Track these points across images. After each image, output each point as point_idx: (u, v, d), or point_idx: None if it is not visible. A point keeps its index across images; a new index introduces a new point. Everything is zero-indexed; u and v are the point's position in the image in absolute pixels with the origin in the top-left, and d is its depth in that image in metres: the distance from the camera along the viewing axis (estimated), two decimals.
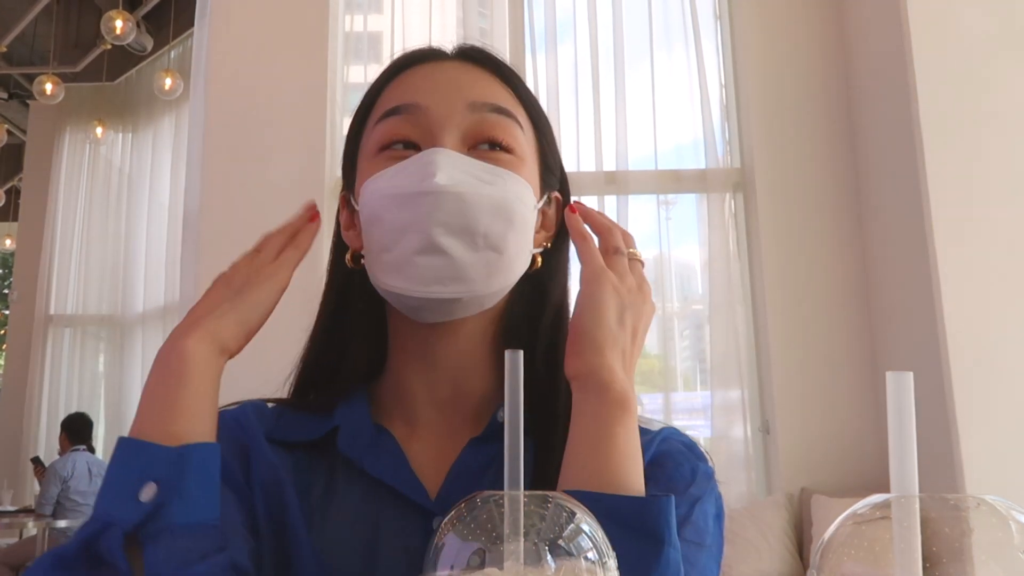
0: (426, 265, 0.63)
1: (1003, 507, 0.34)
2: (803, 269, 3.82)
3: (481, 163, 0.66)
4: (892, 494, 0.35)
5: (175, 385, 0.58)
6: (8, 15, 6.89)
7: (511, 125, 0.68)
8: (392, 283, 0.65)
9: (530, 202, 0.68)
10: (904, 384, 0.36)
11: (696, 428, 4.16)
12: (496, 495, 0.40)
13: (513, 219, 0.65)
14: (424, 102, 0.67)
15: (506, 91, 0.71)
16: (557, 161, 0.75)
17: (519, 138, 0.69)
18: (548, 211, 0.73)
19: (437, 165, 0.63)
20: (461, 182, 0.63)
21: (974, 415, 3.00)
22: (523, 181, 0.67)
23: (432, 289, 0.63)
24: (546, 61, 4.22)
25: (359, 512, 0.66)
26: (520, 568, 0.38)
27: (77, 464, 5.37)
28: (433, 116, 0.67)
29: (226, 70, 3.96)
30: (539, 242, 0.71)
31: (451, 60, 0.72)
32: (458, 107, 0.67)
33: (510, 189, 0.65)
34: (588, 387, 0.61)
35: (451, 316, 0.67)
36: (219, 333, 0.61)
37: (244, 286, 0.63)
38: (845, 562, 0.35)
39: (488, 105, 0.68)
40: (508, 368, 0.44)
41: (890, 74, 3.47)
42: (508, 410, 0.43)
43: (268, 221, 0.72)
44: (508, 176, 0.66)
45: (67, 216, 7.16)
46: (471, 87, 0.69)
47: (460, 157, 0.65)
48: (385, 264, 0.65)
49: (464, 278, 0.63)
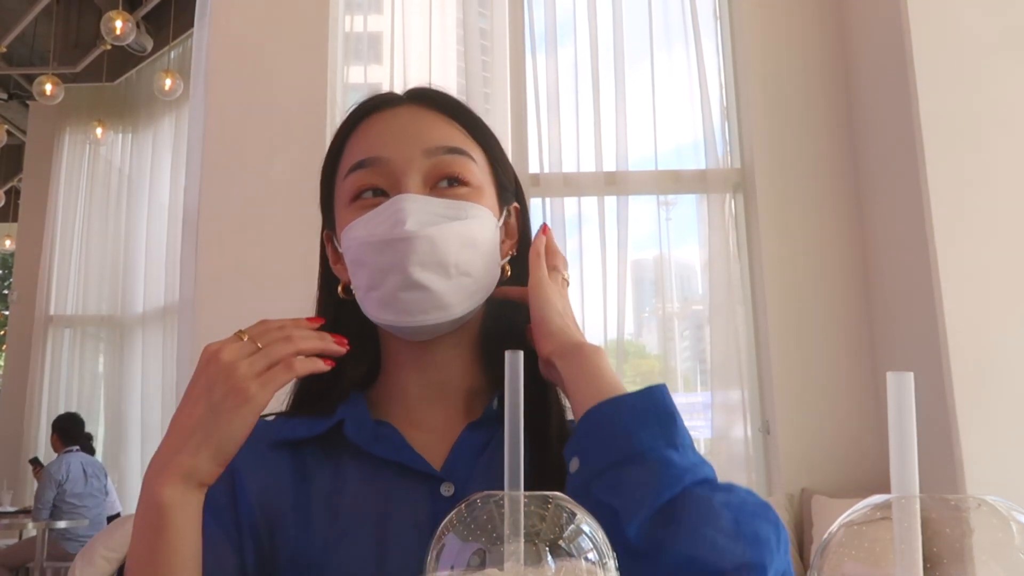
0: (409, 299, 0.72)
1: (1004, 507, 0.34)
2: (803, 269, 3.82)
3: (444, 201, 0.74)
4: (892, 494, 0.35)
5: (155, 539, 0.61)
6: (8, 15, 6.89)
7: (464, 161, 0.77)
8: (383, 317, 0.74)
9: (491, 224, 0.77)
10: (905, 384, 0.36)
11: (696, 429, 4.17)
12: (496, 495, 0.40)
13: (479, 245, 0.75)
14: (385, 154, 0.76)
15: (455, 128, 0.79)
16: (510, 176, 0.84)
17: (473, 170, 0.77)
18: (510, 222, 0.83)
19: (406, 212, 0.72)
20: (428, 223, 0.72)
21: (974, 416, 3.00)
22: (483, 208, 0.76)
23: (417, 319, 0.73)
24: (546, 61, 4.22)
25: (368, 493, 0.72)
26: (520, 568, 0.38)
27: (71, 466, 5.31)
28: (395, 165, 0.75)
29: (226, 70, 3.96)
30: (505, 252, 0.81)
31: (404, 105, 0.80)
32: (415, 154, 0.76)
33: (472, 219, 0.74)
34: (567, 353, 0.71)
35: (437, 333, 0.76)
36: (194, 472, 0.62)
37: (221, 405, 0.62)
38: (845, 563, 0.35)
39: (442, 148, 0.76)
40: (508, 368, 0.44)
41: (890, 74, 3.47)
42: (508, 410, 0.43)
43: (267, 221, 0.72)
44: (469, 207, 0.75)
45: (67, 216, 7.16)
46: (424, 133, 0.77)
47: (425, 200, 0.74)
48: (374, 301, 0.74)
49: (444, 305, 0.73)
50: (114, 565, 3.80)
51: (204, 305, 3.76)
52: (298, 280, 0.73)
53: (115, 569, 3.80)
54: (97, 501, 5.42)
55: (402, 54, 4.31)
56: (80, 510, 5.26)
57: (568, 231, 4.06)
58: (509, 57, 4.24)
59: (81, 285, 7.10)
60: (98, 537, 3.97)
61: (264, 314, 0.70)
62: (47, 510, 5.18)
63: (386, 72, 4.33)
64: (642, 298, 4.68)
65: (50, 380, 6.92)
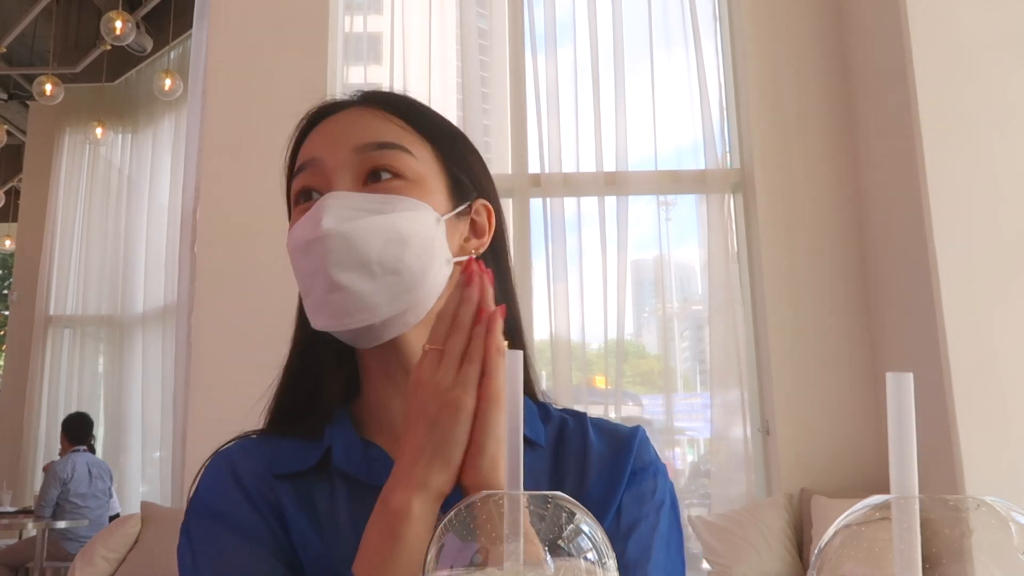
0: (334, 302, 0.69)
1: (1003, 508, 0.34)
2: (803, 269, 3.82)
3: (368, 195, 0.71)
4: (892, 495, 0.35)
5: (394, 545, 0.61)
6: (8, 16, 6.89)
7: (396, 154, 0.74)
8: (317, 322, 0.71)
9: (427, 218, 0.72)
10: (904, 385, 0.36)
11: (696, 429, 4.17)
12: (496, 495, 0.40)
13: (408, 240, 0.70)
14: (319, 155, 0.74)
15: (395, 125, 0.76)
16: (473, 172, 0.80)
17: (408, 163, 0.74)
18: (478, 219, 0.79)
19: (324, 209, 0.69)
20: (345, 219, 0.69)
21: (974, 416, 3.00)
22: (415, 201, 0.72)
23: (344, 322, 0.69)
24: (546, 62, 4.22)
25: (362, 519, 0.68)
26: (520, 568, 0.38)
27: (77, 465, 5.33)
28: (327, 165, 0.73)
29: (225, 70, 3.96)
30: (468, 250, 0.77)
31: (348, 108, 0.78)
32: (345, 152, 0.73)
33: (400, 212, 0.71)
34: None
35: (382, 339, 0.72)
36: (429, 482, 0.62)
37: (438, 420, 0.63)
38: (845, 563, 0.35)
39: (372, 144, 0.74)
40: (508, 368, 0.44)
41: (890, 74, 3.47)
42: (508, 410, 0.43)
43: (265, 221, 0.73)
44: (397, 200, 0.71)
45: (67, 217, 7.16)
46: (357, 132, 0.75)
47: (347, 195, 0.71)
48: (309, 307, 0.72)
49: (368, 306, 0.69)
50: (113, 565, 3.80)
51: (202, 305, 3.76)
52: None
53: (114, 569, 3.80)
54: (100, 502, 5.43)
55: (401, 54, 4.32)
56: (82, 510, 5.27)
57: (568, 231, 4.07)
58: (509, 57, 4.24)
59: (81, 285, 7.10)
60: (98, 537, 3.97)
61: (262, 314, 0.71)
62: (50, 508, 5.19)
63: (386, 72, 4.33)
64: (642, 298, 4.68)
65: (50, 380, 6.92)
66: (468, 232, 0.78)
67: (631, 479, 0.73)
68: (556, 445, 0.76)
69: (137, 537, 3.88)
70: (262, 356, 0.84)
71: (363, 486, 0.70)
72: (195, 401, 3.65)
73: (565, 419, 0.79)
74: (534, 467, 0.74)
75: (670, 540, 0.72)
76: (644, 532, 0.71)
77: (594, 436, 0.76)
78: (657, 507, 0.73)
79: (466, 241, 0.77)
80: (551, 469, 0.75)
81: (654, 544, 0.70)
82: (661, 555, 0.70)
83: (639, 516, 0.71)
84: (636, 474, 0.73)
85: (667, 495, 0.74)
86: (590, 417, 0.79)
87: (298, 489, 0.72)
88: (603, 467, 0.74)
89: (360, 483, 0.71)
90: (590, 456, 0.74)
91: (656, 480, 0.74)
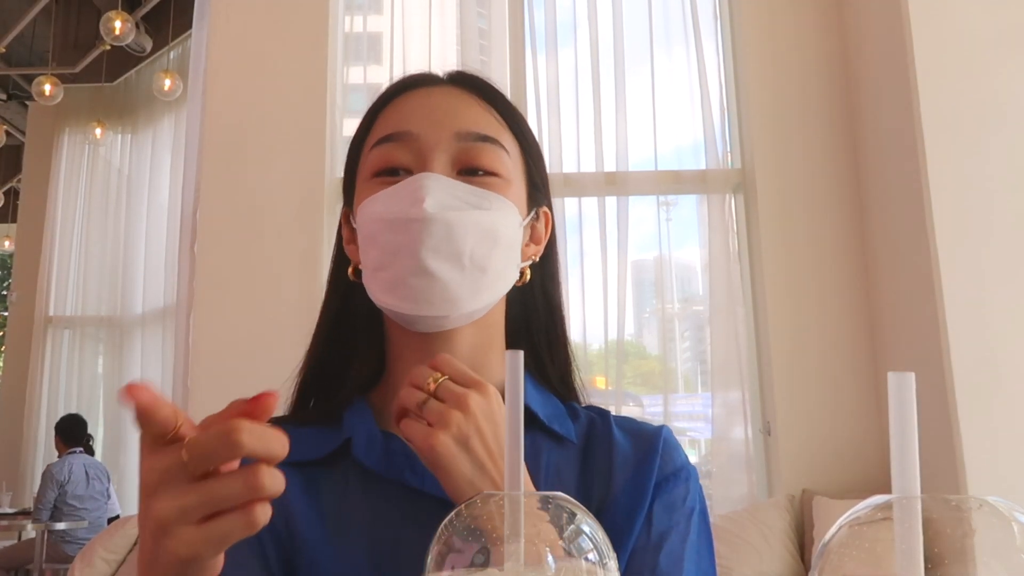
0: (417, 286, 0.67)
1: (1005, 508, 0.34)
2: (804, 270, 3.82)
3: (469, 186, 0.70)
4: (894, 495, 0.35)
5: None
6: (7, 16, 6.89)
7: (496, 151, 0.73)
8: (386, 301, 0.70)
9: (515, 221, 0.72)
10: (906, 385, 0.36)
11: (697, 430, 4.17)
12: (496, 495, 0.40)
13: (498, 240, 0.70)
14: (415, 130, 0.72)
15: (492, 116, 0.75)
16: (543, 175, 0.79)
17: (505, 162, 0.73)
18: (537, 225, 0.78)
19: (426, 190, 0.68)
20: (448, 207, 0.68)
21: (976, 416, 3.00)
22: (508, 203, 0.72)
23: (422, 309, 0.68)
24: (546, 62, 4.22)
25: (377, 515, 0.68)
26: (520, 568, 0.38)
27: (74, 467, 5.32)
28: (423, 143, 0.71)
29: (225, 71, 3.96)
30: (528, 255, 0.76)
31: (442, 86, 0.77)
32: (446, 135, 0.72)
33: (496, 211, 0.70)
34: None
35: (443, 328, 0.71)
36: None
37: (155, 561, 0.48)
38: (846, 564, 0.35)
39: (473, 134, 0.72)
40: (508, 368, 0.43)
41: (891, 74, 3.47)
42: (508, 410, 0.43)
43: (266, 222, 0.72)
44: (494, 199, 0.70)
45: (66, 217, 7.16)
46: (459, 116, 0.73)
47: (448, 181, 0.69)
48: (381, 282, 0.70)
49: (451, 298, 0.68)
50: (113, 567, 3.80)
51: (201, 305, 3.76)
52: (295, 281, 0.72)
53: (114, 571, 3.80)
54: (98, 504, 5.42)
55: (402, 54, 4.31)
56: (80, 512, 5.26)
57: (568, 231, 4.06)
58: (509, 58, 4.24)
59: (80, 286, 7.10)
60: (97, 539, 3.97)
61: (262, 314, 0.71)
62: (47, 511, 5.18)
63: (386, 72, 4.33)
64: (642, 299, 4.68)
65: (49, 381, 6.92)
66: (528, 238, 0.77)
67: (662, 486, 0.71)
68: (585, 444, 0.75)
69: (137, 538, 3.88)
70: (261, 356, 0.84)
71: (379, 479, 0.69)
72: (195, 401, 3.65)
73: (593, 417, 0.77)
74: (562, 466, 0.72)
75: (700, 548, 0.71)
76: (675, 543, 0.69)
77: (619, 435, 0.75)
78: (688, 515, 0.71)
79: (526, 246, 0.76)
80: (579, 467, 0.73)
81: (685, 554, 0.69)
82: (692, 564, 0.69)
83: (670, 525, 0.70)
84: (667, 480, 0.72)
85: (697, 500, 0.73)
86: (613, 415, 0.77)
87: (309, 481, 0.69)
88: (629, 470, 0.72)
89: (376, 476, 0.69)
90: (615, 457, 0.73)
91: (688, 485, 0.73)
